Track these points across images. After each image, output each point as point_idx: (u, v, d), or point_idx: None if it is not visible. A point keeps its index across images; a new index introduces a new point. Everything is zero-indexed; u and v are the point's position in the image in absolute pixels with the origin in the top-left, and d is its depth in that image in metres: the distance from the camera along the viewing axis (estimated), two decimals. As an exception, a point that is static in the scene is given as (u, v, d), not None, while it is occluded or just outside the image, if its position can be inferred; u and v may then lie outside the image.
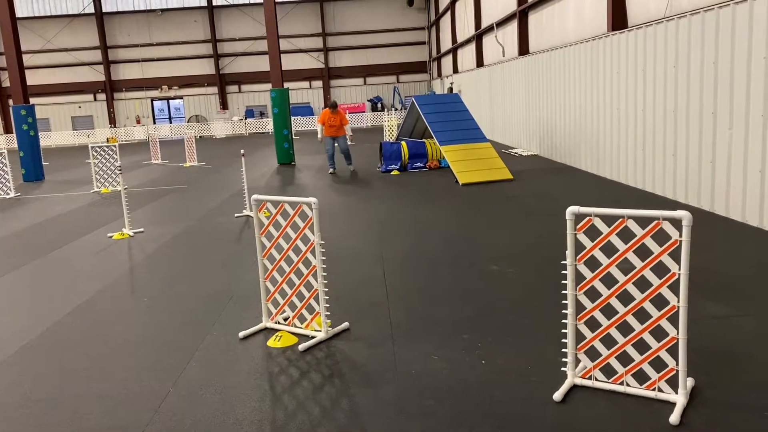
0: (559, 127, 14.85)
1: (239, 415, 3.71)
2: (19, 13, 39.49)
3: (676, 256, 4.25)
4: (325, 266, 4.76)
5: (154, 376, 4.32)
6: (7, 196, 14.87)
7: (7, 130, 40.72)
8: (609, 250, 3.89)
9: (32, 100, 21.12)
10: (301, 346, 4.65)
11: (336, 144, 15.54)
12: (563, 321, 3.93)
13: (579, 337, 3.89)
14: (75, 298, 6.25)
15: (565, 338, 3.86)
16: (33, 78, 38.97)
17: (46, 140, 36.66)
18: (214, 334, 5.05)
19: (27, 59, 38.28)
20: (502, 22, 21.07)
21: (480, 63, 25.18)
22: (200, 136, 37.52)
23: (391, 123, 22.30)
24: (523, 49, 18.58)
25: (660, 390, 3.61)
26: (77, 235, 9.57)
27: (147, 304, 5.96)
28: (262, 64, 40.27)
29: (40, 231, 10.21)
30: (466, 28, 27.68)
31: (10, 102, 38.95)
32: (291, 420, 3.61)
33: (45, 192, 15.58)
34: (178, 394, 4.01)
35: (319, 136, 15.48)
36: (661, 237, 4.29)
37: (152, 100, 42.44)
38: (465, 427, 3.43)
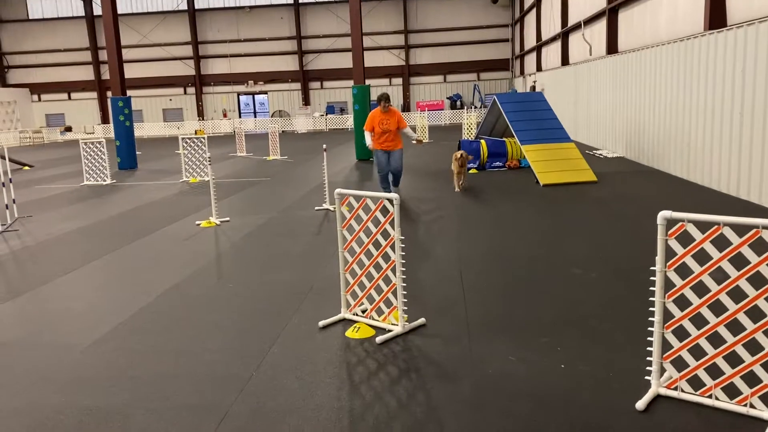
0: (648, 129, 14.32)
1: (318, 401, 3.81)
2: (118, 10, 41.69)
3: (774, 267, 4.03)
4: (404, 261, 4.80)
5: (238, 359, 4.49)
6: (104, 183, 15.77)
7: (105, 121, 43.13)
8: (702, 257, 3.73)
9: (128, 93, 22.39)
10: (379, 339, 4.72)
11: (389, 160, 11.17)
12: (648, 329, 3.82)
13: (665, 345, 3.76)
14: (165, 282, 6.58)
15: (651, 346, 3.74)
16: (129, 71, 41.07)
17: (138, 131, 38.60)
18: (294, 321, 5.20)
19: (124, 53, 40.43)
20: (590, 20, 20.48)
21: (565, 61, 24.59)
22: (283, 131, 38.48)
23: (470, 121, 22.15)
24: (612, 47, 18.01)
25: (752, 406, 3.45)
26: (167, 222, 10.05)
27: (232, 290, 6.20)
28: (344, 61, 40.86)
29: (133, 216, 10.78)
30: (551, 26, 27.08)
31: (108, 94, 41.26)
32: (368, 410, 3.68)
33: (138, 180, 16.42)
34: (261, 378, 4.16)
35: (370, 143, 11.01)
36: (759, 246, 4.06)
37: (238, 95, 43.86)
38: (542, 431, 3.39)
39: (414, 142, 11.40)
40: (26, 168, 21.16)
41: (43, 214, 11.47)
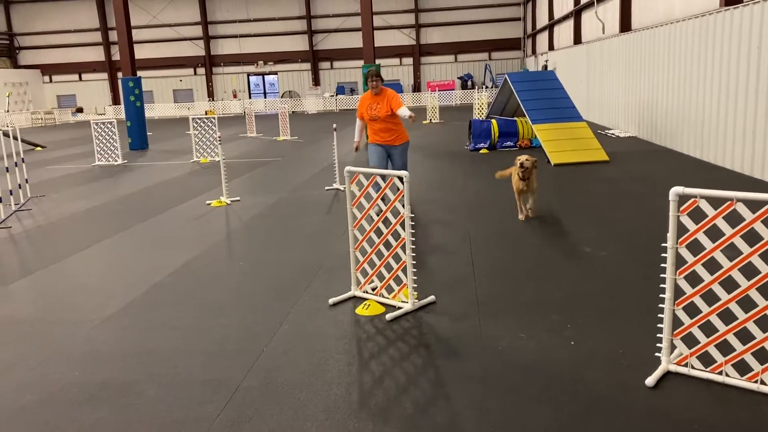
0: (661, 108, 14.15)
1: (328, 377, 3.83)
2: (128, -10, 41.51)
3: (788, 243, 3.99)
4: (413, 239, 4.80)
5: (249, 335, 4.53)
6: (116, 163, 15.84)
7: (116, 102, 43.22)
8: (714, 234, 3.69)
9: (138, 73, 22.31)
10: (388, 316, 4.73)
11: (389, 159, 8.22)
12: (659, 306, 3.80)
13: (676, 322, 3.74)
14: (176, 260, 6.62)
15: (661, 323, 3.73)
16: (139, 52, 40.98)
17: (149, 112, 38.63)
18: (305, 299, 5.23)
19: (134, 34, 40.33)
20: (604, -3, 20.19)
21: (578, 40, 24.30)
22: (293, 112, 38.39)
23: (481, 101, 21.99)
24: (625, 25, 17.77)
25: (763, 383, 3.43)
26: (178, 202, 10.09)
27: (242, 268, 6.23)
28: (354, 40, 40.56)
29: (144, 196, 10.84)
30: (564, 4, 26.72)
31: (119, 74, 41.25)
32: (378, 385, 3.70)
33: (149, 160, 16.47)
34: (271, 354, 4.19)
35: (356, 139, 8.39)
36: (771, 224, 4.04)
37: (248, 75, 43.73)
38: (551, 406, 3.40)
39: (407, 118, 7.67)
40: (38, 149, 21.27)
41: (55, 193, 11.55)
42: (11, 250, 7.45)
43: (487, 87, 38.84)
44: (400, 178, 4.68)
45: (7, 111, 37.79)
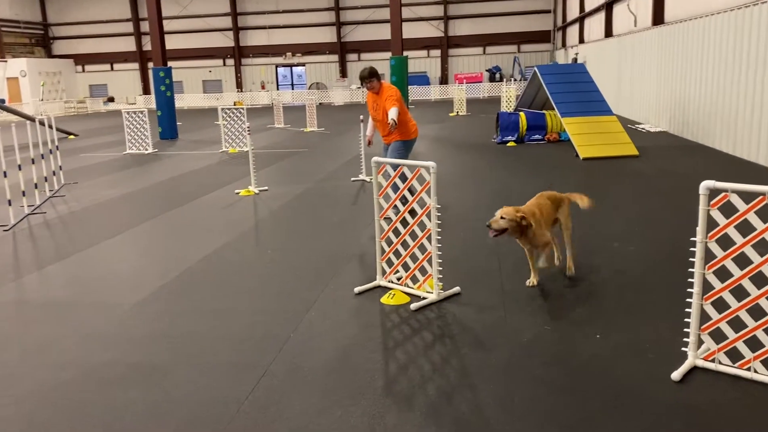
0: (693, 103, 13.91)
1: (353, 364, 3.89)
2: (159, -19, 41.87)
3: (821, 240, 3.93)
4: (439, 230, 4.82)
5: (277, 322, 4.60)
6: (146, 152, 16.09)
7: (146, 91, 43.80)
8: (745, 229, 3.67)
9: (169, 64, 22.37)
10: (413, 306, 4.77)
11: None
12: (687, 300, 3.77)
13: (704, 317, 3.71)
14: (205, 247, 6.73)
15: (689, 318, 3.71)
16: (169, 43, 41.43)
17: (179, 102, 39.03)
18: (331, 287, 5.29)
19: (165, 25, 40.73)
20: (636, -10, 19.87)
21: (609, 33, 23.96)
22: (320, 103, 38.51)
23: (509, 94, 21.83)
24: (658, 18, 17.47)
25: (792, 380, 3.40)
26: (207, 190, 10.23)
27: (271, 256, 6.31)
28: (382, 32, 40.49)
29: (174, 185, 11.01)
30: (595, -4, 26.34)
31: (150, 65, 41.75)
32: (402, 373, 3.74)
33: (179, 149, 16.70)
34: (298, 340, 4.26)
35: (368, 134, 8.27)
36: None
37: (276, 67, 43.96)
38: (575, 398, 3.40)
39: (390, 121, 7.32)
40: (71, 137, 21.69)
41: (87, 181, 11.79)
42: (46, 234, 7.65)
43: (515, 80, 38.51)
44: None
45: (42, 100, 38.56)
